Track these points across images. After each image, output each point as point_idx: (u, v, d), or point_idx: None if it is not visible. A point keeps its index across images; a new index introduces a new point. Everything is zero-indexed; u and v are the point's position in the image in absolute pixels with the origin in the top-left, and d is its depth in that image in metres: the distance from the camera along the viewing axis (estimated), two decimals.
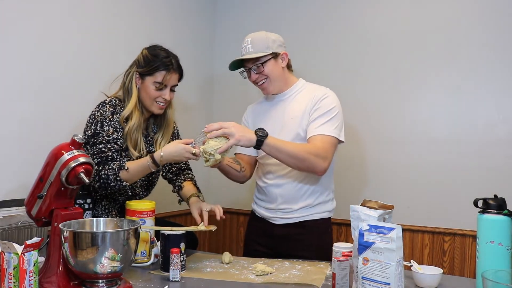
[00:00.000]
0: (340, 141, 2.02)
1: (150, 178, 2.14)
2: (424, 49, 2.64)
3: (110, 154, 1.90)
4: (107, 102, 1.98)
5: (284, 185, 2.06)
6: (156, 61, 1.97)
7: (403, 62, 2.70)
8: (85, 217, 1.81)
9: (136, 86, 2.00)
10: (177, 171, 2.21)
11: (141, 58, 2.02)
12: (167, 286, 1.57)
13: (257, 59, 2.04)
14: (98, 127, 1.92)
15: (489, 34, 2.50)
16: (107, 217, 2.04)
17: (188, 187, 2.17)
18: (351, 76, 2.82)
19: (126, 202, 1.91)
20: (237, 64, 2.12)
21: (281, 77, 2.10)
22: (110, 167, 1.87)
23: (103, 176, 1.86)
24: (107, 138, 1.91)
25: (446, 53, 2.59)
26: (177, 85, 2.06)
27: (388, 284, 1.32)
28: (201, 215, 1.94)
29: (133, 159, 1.97)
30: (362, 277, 1.38)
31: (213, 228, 1.88)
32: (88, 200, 1.89)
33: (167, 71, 1.97)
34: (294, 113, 2.06)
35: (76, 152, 1.56)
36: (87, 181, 1.54)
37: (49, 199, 1.56)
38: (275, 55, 2.06)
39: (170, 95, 2.02)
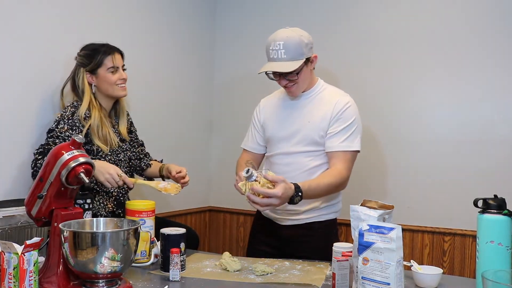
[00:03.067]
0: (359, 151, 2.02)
1: (130, 163, 2.24)
2: (424, 49, 2.64)
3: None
4: (69, 105, 2.10)
5: None
6: (98, 52, 2.10)
7: (402, 63, 2.71)
8: (85, 217, 1.81)
9: (90, 84, 2.11)
10: (139, 156, 2.31)
11: (82, 59, 2.12)
12: (167, 286, 1.57)
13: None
14: (54, 125, 2.03)
15: (490, 34, 2.50)
16: (105, 211, 2.08)
17: (156, 164, 2.34)
18: (351, 75, 2.83)
19: (126, 202, 1.92)
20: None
21: (308, 79, 2.04)
22: None
23: (38, 165, 1.94)
24: (58, 133, 2.00)
25: (447, 53, 2.59)
26: (124, 64, 2.17)
27: (388, 284, 1.32)
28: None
29: (105, 154, 2.06)
30: (362, 277, 1.38)
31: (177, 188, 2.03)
32: (88, 200, 1.88)
33: (111, 54, 2.12)
34: (312, 117, 2.01)
35: (76, 152, 1.56)
36: (87, 181, 1.54)
37: (49, 199, 1.55)
38: (307, 60, 1.97)
39: (125, 73, 2.15)
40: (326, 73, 2.68)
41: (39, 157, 1.95)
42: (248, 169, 1.66)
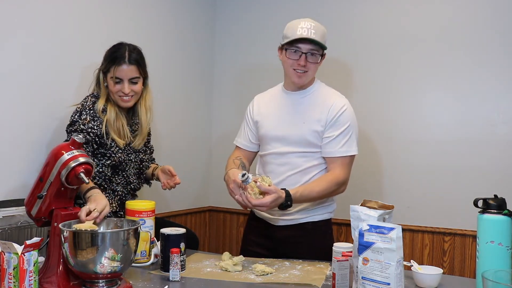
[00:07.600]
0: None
1: (141, 165, 2.21)
2: (423, 49, 2.64)
3: None
4: (90, 94, 2.09)
5: (285, 186, 2.04)
6: (110, 57, 2.05)
7: (402, 63, 2.70)
8: None
9: (104, 81, 2.09)
10: (147, 164, 2.30)
11: (104, 57, 2.09)
12: (167, 286, 1.57)
13: (320, 48, 1.95)
14: (76, 116, 2.00)
15: (489, 34, 2.49)
16: (109, 209, 2.07)
17: (152, 166, 2.29)
18: (351, 75, 2.83)
19: (126, 202, 1.92)
20: None
21: (315, 74, 2.07)
22: None
23: None
24: (82, 126, 1.97)
25: (446, 54, 2.59)
26: (138, 77, 2.07)
27: (388, 284, 1.32)
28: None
29: (118, 147, 2.05)
30: (362, 277, 1.38)
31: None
32: None
33: (118, 65, 2.02)
34: (306, 118, 2.01)
35: (76, 152, 1.57)
36: (87, 181, 1.55)
37: (49, 199, 1.56)
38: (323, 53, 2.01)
39: (129, 87, 2.04)
40: (327, 73, 2.68)
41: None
42: (245, 173, 1.73)
